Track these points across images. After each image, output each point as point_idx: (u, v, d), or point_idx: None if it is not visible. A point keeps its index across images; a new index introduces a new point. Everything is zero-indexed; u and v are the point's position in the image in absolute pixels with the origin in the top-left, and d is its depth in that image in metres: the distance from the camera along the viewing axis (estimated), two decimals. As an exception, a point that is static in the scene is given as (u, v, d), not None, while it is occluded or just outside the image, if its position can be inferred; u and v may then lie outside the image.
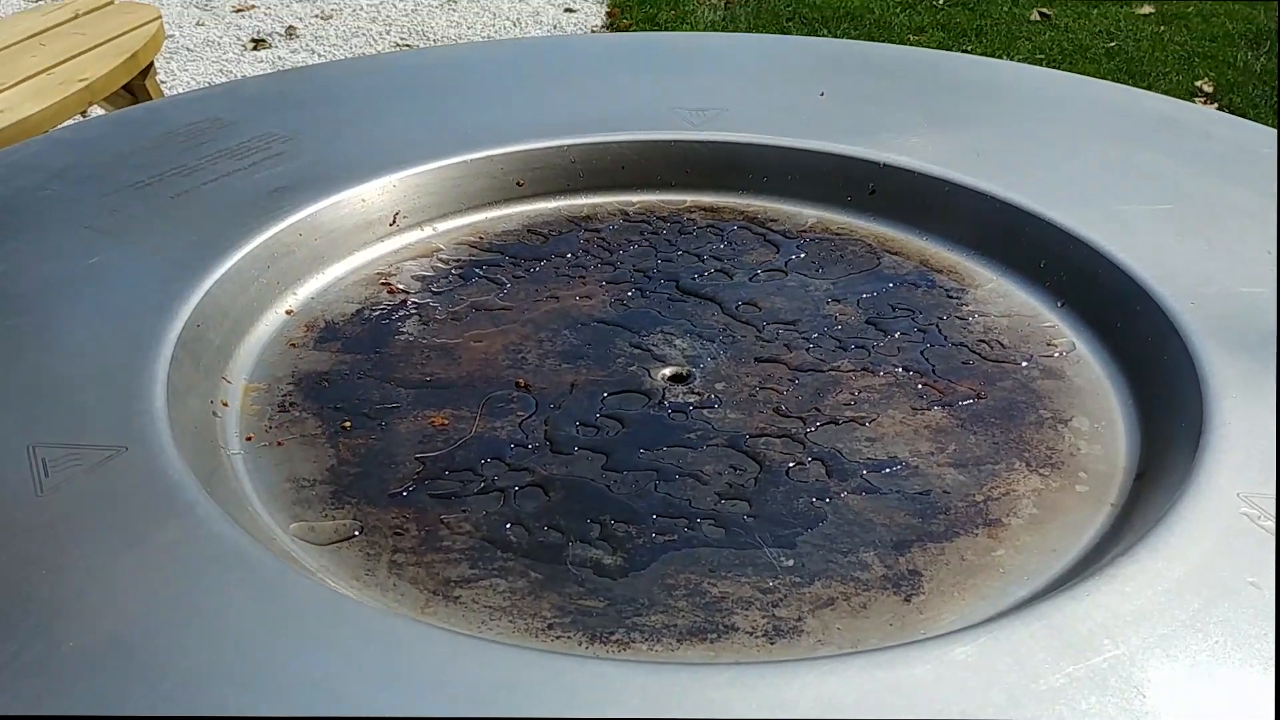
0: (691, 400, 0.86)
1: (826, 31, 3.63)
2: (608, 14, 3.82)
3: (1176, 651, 0.60)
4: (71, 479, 0.70)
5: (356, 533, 0.74)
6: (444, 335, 0.94)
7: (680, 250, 1.05)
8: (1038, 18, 3.78)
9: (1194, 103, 3.01)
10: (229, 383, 0.87)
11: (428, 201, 1.08)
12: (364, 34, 3.64)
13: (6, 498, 0.69)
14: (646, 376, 0.89)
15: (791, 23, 3.72)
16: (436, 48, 3.35)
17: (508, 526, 0.74)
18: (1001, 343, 0.93)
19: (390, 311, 0.96)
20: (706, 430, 0.83)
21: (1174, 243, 0.96)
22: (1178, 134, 1.18)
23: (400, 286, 1.00)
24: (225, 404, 0.85)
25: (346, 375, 0.89)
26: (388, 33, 3.66)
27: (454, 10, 3.83)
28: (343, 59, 3.34)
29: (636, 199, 1.13)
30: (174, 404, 0.77)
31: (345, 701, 0.56)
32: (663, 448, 0.81)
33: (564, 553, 0.72)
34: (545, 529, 0.74)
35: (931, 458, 0.81)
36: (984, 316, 0.96)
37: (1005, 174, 1.06)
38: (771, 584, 0.70)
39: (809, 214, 1.10)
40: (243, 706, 0.56)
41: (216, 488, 0.74)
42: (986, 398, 0.87)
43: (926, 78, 1.35)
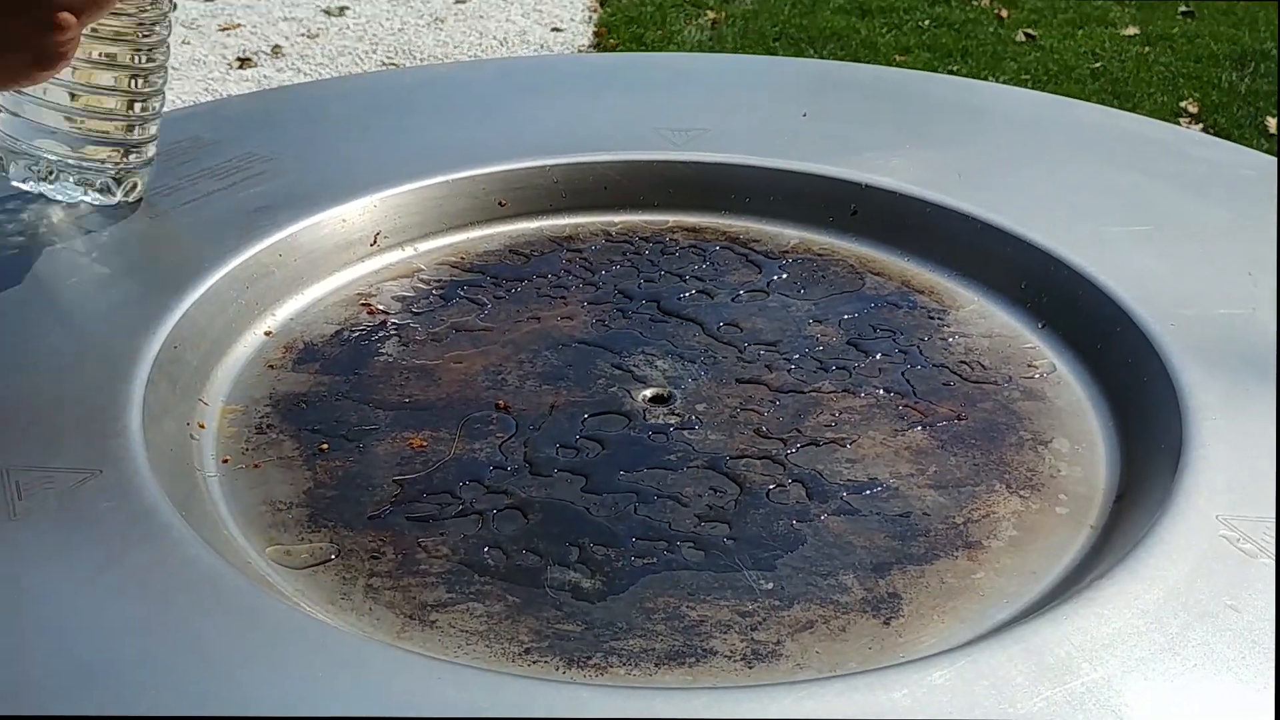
0: (672, 421, 0.86)
1: (813, 52, 3.64)
2: (595, 34, 3.83)
3: (1155, 675, 0.60)
4: (45, 502, 0.70)
5: (333, 556, 0.73)
6: (424, 356, 0.93)
7: (662, 271, 1.05)
8: (1023, 39, 3.80)
9: (1179, 124, 3.04)
10: (206, 405, 0.86)
11: (409, 221, 1.08)
12: (350, 53, 3.64)
13: (-22, 521, 0.68)
14: (627, 398, 0.89)
15: (778, 43, 3.73)
16: (420, 67, 3.35)
17: (485, 550, 0.74)
18: (982, 364, 0.93)
19: (370, 332, 0.96)
20: (687, 452, 0.83)
21: (1154, 264, 0.97)
22: (1158, 155, 1.18)
23: (380, 307, 0.99)
24: (202, 426, 0.84)
25: (325, 397, 0.88)
26: (374, 52, 3.66)
27: (441, 30, 3.84)
28: (327, 78, 3.34)
29: (619, 219, 1.13)
30: (150, 426, 0.77)
31: (318, 728, 0.56)
32: (643, 469, 0.81)
33: (542, 576, 0.72)
34: (523, 552, 0.74)
35: (912, 479, 0.81)
36: (965, 337, 0.96)
37: (987, 195, 1.07)
38: (750, 607, 0.70)
39: (791, 234, 1.11)
40: (213, 733, 0.55)
41: (192, 511, 0.73)
42: (967, 419, 0.87)
43: (909, 98, 1.35)
